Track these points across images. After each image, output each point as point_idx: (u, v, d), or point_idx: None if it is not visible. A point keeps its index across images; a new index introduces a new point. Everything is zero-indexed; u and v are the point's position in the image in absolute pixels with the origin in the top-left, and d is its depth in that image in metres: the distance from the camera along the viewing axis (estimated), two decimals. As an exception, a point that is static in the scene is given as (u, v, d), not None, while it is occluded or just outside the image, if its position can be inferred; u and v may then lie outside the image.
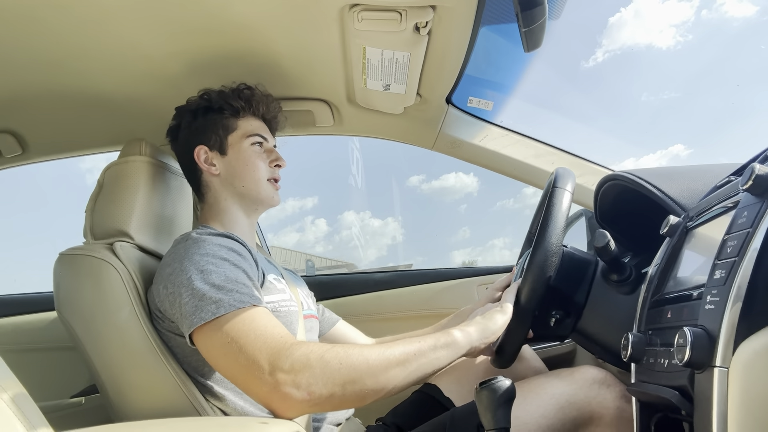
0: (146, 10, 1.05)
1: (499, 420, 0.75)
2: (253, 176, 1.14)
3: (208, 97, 1.18)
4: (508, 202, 12.90)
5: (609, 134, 1.55)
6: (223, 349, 0.85)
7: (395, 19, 1.03)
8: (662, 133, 30.47)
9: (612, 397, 1.01)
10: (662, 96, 43.27)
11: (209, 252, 0.94)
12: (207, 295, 0.88)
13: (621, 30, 33.83)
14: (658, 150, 24.97)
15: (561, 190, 0.98)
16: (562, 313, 1.05)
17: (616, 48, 37.40)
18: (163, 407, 0.95)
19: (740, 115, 40.89)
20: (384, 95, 1.35)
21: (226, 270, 0.92)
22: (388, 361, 0.84)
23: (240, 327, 0.85)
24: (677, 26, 42.78)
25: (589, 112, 2.08)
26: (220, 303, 0.87)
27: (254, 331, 0.84)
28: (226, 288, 0.89)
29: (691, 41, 41.37)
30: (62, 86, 1.29)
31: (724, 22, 43.13)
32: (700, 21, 42.27)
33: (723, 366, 0.56)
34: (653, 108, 38.17)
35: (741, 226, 0.61)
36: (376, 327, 1.71)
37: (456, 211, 16.09)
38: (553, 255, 0.95)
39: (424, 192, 16.28)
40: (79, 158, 1.65)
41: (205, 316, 0.86)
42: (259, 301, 0.91)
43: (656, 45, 37.34)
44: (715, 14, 42.48)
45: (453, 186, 21.88)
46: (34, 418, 0.56)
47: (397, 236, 15.30)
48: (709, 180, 0.92)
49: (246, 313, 0.87)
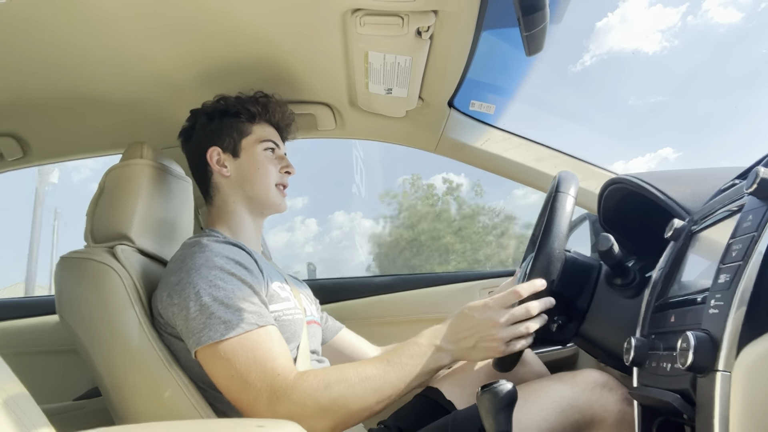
0: (148, 15, 1.05)
1: (501, 424, 0.74)
2: (263, 181, 1.16)
3: (224, 102, 1.20)
4: (498, 203, 12.86)
5: (598, 136, 1.55)
6: (227, 380, 0.90)
7: (397, 24, 1.03)
8: (651, 136, 30.41)
9: (614, 400, 1.00)
10: (650, 100, 43.36)
11: (217, 265, 0.96)
12: (216, 314, 0.90)
13: (608, 35, 33.96)
14: (647, 153, 24.91)
15: (564, 195, 0.98)
16: (565, 318, 1.05)
17: (603, 52, 37.56)
18: (164, 410, 0.95)
19: (731, 119, 40.85)
20: (386, 99, 1.35)
21: (234, 287, 0.94)
22: (383, 395, 0.90)
23: (243, 358, 0.89)
24: (663, 31, 43.02)
25: (576, 115, 2.07)
26: (228, 324, 0.90)
27: (256, 366, 0.89)
28: (234, 306, 0.91)
29: (677, 46, 41.66)
30: (64, 89, 1.29)
31: (710, 27, 43.25)
32: (686, 26, 42.54)
33: (726, 370, 0.56)
34: (641, 111, 38.36)
35: (746, 230, 0.61)
36: (378, 331, 1.71)
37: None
38: (556, 261, 0.94)
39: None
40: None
41: (214, 336, 0.89)
42: (265, 319, 0.94)
43: (643, 50, 37.39)
44: (700, 20, 42.63)
45: (441, 187, 21.73)
46: (37, 421, 0.56)
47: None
48: (713, 183, 0.92)
49: (251, 338, 0.91)
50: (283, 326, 1.02)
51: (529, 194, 1.66)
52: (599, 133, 3.95)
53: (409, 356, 0.92)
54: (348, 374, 0.89)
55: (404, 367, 0.91)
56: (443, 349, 0.93)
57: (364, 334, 1.39)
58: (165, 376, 0.95)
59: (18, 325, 1.72)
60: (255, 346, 0.90)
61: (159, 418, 0.95)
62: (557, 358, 1.60)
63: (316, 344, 1.15)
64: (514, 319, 0.92)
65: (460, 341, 0.93)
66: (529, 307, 0.92)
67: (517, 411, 0.77)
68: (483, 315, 0.93)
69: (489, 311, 0.93)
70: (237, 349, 0.89)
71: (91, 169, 13.07)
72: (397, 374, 0.90)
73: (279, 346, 0.93)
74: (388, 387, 0.89)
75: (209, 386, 0.98)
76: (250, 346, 0.90)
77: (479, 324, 0.93)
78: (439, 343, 0.93)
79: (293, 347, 1.05)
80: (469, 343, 0.93)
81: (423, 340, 0.94)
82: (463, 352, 0.94)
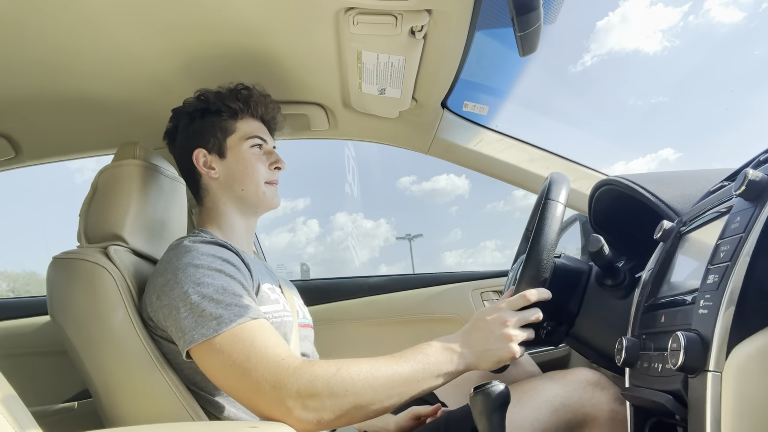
0: (140, 13, 1.04)
1: (494, 425, 0.75)
2: (252, 179, 1.13)
3: (205, 99, 1.17)
4: (498, 204, 12.99)
5: (599, 138, 1.56)
6: (225, 371, 0.86)
7: (391, 23, 1.03)
8: (652, 136, 30.81)
9: (606, 399, 1.01)
10: (651, 100, 44.07)
11: (203, 263, 0.94)
12: (207, 311, 0.88)
13: (609, 34, 34.34)
14: (648, 153, 25.17)
15: (553, 203, 0.96)
16: (554, 323, 1.05)
17: (604, 53, 38.03)
18: (155, 412, 0.94)
19: (729, 120, 41.43)
20: (379, 99, 1.35)
21: (223, 282, 0.92)
22: (393, 385, 0.85)
23: (241, 348, 0.85)
24: (664, 31, 43.64)
25: (578, 116, 2.08)
26: (220, 319, 0.87)
27: (256, 353, 0.85)
28: (224, 302, 0.89)
29: (678, 46, 42.28)
30: (55, 89, 1.29)
31: (712, 27, 44.06)
32: (688, 26, 43.16)
33: (716, 370, 0.56)
34: (642, 112, 38.90)
35: (734, 231, 0.62)
36: (371, 331, 1.71)
37: (447, 213, 15.96)
38: (544, 271, 0.93)
39: (414, 194, 16.27)
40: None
41: (207, 332, 0.86)
42: (257, 312, 0.91)
43: (644, 50, 38.03)
44: (702, 20, 43.41)
45: (444, 188, 21.85)
46: (25, 423, 0.56)
47: (389, 237, 15.31)
48: (702, 185, 0.93)
49: (246, 329, 0.87)
50: None
51: (529, 195, 1.66)
52: (598, 134, 3.95)
53: (424, 354, 0.88)
54: (360, 363, 0.86)
55: (417, 364, 0.87)
56: (456, 351, 0.90)
57: (358, 335, 1.39)
58: (156, 378, 0.95)
59: (8, 326, 1.71)
60: (252, 336, 0.86)
61: (150, 420, 0.94)
62: (550, 359, 1.60)
63: (308, 347, 1.14)
64: (524, 321, 0.92)
65: (474, 344, 0.91)
66: (537, 312, 0.93)
67: (509, 411, 0.77)
68: (494, 315, 0.92)
69: (500, 311, 0.92)
70: (233, 341, 0.86)
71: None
72: (410, 370, 0.86)
73: (275, 336, 0.90)
74: (399, 381, 0.85)
75: (200, 388, 0.98)
76: (246, 336, 0.86)
77: (491, 323, 0.91)
78: (452, 346, 0.90)
79: None
80: (482, 345, 0.90)
81: (435, 343, 0.91)
82: (477, 355, 0.90)
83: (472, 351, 0.90)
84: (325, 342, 1.48)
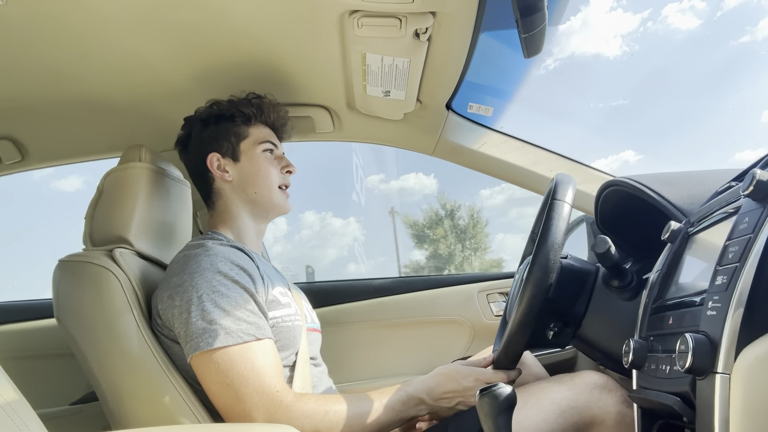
0: (145, 18, 1.05)
1: (500, 427, 0.74)
2: (265, 183, 1.16)
3: (218, 106, 1.20)
4: (464, 203, 13.13)
5: (561, 139, 1.57)
6: (221, 389, 0.91)
7: (395, 26, 1.03)
8: (613, 138, 30.93)
9: (613, 401, 1.00)
10: (611, 103, 43.87)
11: (221, 270, 0.96)
12: (216, 321, 0.91)
13: (570, 39, 34.25)
14: (610, 155, 25.18)
15: (560, 203, 0.96)
16: (561, 324, 1.04)
17: (566, 56, 37.93)
18: (162, 414, 0.95)
19: (690, 124, 41.61)
20: (384, 101, 1.35)
21: (237, 294, 0.95)
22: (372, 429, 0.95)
23: (242, 368, 0.90)
24: (624, 36, 43.55)
25: (539, 120, 2.07)
26: (228, 332, 0.90)
27: (254, 380, 0.90)
28: (235, 315, 0.92)
29: (637, 51, 42.16)
30: (62, 93, 1.29)
31: (669, 33, 43.73)
32: (647, 32, 42.98)
33: (725, 372, 0.56)
34: (603, 114, 38.84)
35: (742, 231, 0.61)
36: (377, 333, 1.71)
37: (417, 212, 16.30)
38: (551, 271, 0.93)
39: (382, 192, 16.38)
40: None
41: (213, 342, 0.89)
42: (264, 333, 0.95)
43: (604, 54, 37.73)
44: (660, 26, 43.10)
45: (413, 187, 21.99)
46: (32, 425, 0.56)
47: (359, 236, 15.34)
48: (709, 185, 0.92)
49: (251, 349, 0.91)
50: (281, 332, 1.02)
51: (495, 194, 1.62)
52: (560, 136, 3.94)
53: (400, 402, 0.98)
54: (347, 406, 0.94)
55: (392, 410, 0.97)
56: (425, 403, 1.00)
57: (363, 337, 1.39)
58: (162, 381, 0.95)
59: (15, 329, 1.72)
60: (254, 358, 0.91)
61: (156, 422, 0.94)
62: (556, 361, 1.60)
63: (315, 351, 1.15)
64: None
65: (442, 401, 1.01)
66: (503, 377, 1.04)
67: (516, 413, 0.76)
68: (468, 385, 1.01)
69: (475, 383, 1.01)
70: (235, 359, 0.90)
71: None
72: (386, 416, 0.97)
73: (276, 362, 0.95)
74: (374, 425, 0.95)
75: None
76: (248, 357, 0.91)
77: (463, 391, 1.01)
78: (424, 397, 1.00)
79: (292, 353, 1.05)
80: (448, 404, 1.01)
81: (411, 390, 1.00)
82: (440, 410, 1.01)
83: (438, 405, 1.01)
84: (332, 344, 1.48)
